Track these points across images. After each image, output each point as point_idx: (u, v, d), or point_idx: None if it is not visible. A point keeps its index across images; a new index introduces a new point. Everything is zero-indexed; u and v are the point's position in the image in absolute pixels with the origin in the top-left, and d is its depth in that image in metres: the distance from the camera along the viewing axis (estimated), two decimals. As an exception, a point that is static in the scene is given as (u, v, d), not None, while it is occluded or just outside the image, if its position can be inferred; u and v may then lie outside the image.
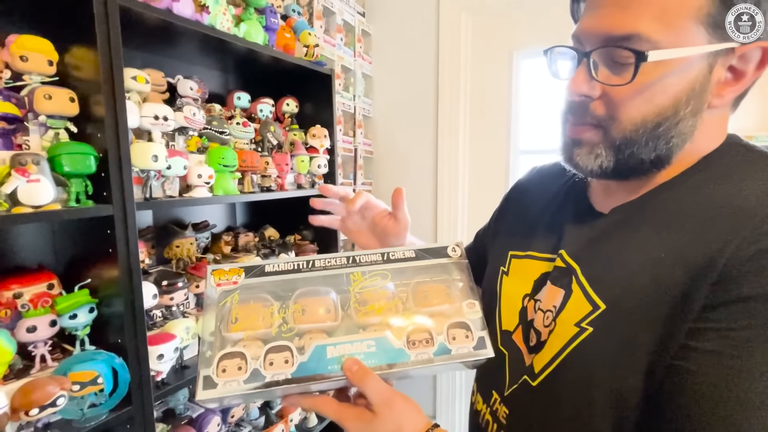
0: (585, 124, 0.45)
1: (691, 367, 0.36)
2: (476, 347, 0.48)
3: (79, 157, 0.72)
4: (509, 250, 0.59)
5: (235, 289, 0.49)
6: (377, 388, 0.44)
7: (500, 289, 0.58)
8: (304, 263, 0.51)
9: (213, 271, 0.50)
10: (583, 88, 0.43)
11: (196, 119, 0.97)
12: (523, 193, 0.67)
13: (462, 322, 0.49)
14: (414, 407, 0.45)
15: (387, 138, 1.94)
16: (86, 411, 0.75)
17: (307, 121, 1.40)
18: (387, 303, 0.50)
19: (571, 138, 0.47)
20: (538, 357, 0.48)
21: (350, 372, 0.44)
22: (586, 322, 0.43)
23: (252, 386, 0.44)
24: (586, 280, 0.45)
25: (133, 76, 0.87)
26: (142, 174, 0.84)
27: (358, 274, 0.51)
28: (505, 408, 0.52)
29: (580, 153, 0.45)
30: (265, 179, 1.18)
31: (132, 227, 0.79)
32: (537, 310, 0.51)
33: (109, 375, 0.77)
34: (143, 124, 0.86)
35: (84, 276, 0.82)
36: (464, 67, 1.74)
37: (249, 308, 0.49)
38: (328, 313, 0.49)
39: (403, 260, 0.53)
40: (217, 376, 0.44)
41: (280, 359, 0.45)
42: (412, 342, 0.47)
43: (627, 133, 0.42)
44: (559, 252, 0.50)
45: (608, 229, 0.47)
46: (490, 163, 1.76)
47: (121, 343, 0.81)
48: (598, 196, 0.52)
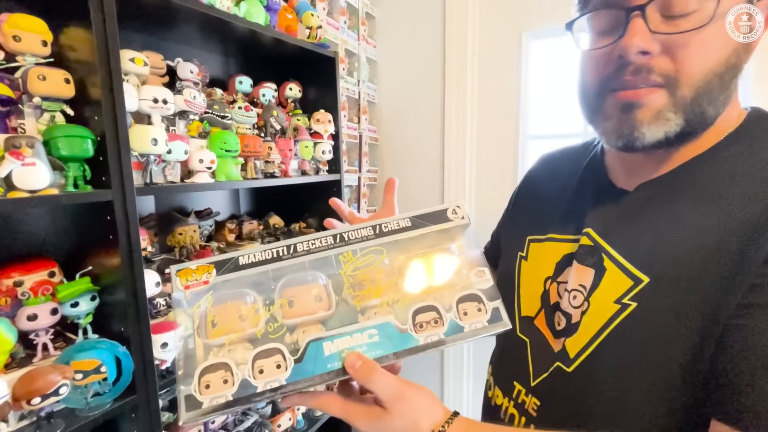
0: (648, 86, 0.40)
1: (750, 323, 0.34)
2: (491, 320, 0.42)
3: (76, 140, 0.70)
4: (527, 235, 0.57)
5: (208, 290, 0.43)
6: (386, 384, 0.40)
7: (519, 274, 0.56)
8: (284, 249, 0.45)
9: (178, 272, 0.43)
10: (644, 42, 0.39)
11: (197, 102, 0.94)
12: (536, 181, 0.65)
13: (472, 294, 0.43)
14: (429, 398, 0.42)
15: (392, 124, 1.91)
16: (90, 400, 0.74)
17: (311, 106, 1.37)
18: (386, 282, 0.44)
19: (629, 102, 0.41)
20: (572, 340, 0.46)
21: (354, 369, 0.40)
22: (629, 297, 0.42)
23: (243, 400, 0.39)
24: (621, 256, 0.44)
25: (131, 58, 0.84)
26: (141, 158, 0.82)
27: (348, 254, 0.45)
28: (536, 399, 0.49)
29: (644, 120, 0.40)
30: (269, 165, 1.15)
31: (132, 213, 0.77)
32: (564, 291, 0.49)
33: (113, 364, 0.75)
34: (142, 107, 0.84)
35: (85, 263, 0.80)
36: (472, 50, 1.69)
37: (227, 308, 0.43)
38: (320, 301, 0.43)
39: (399, 231, 0.46)
40: (200, 394, 0.39)
41: (270, 365, 0.40)
42: (419, 324, 0.42)
43: (699, 87, 0.39)
44: (585, 231, 0.48)
45: (638, 205, 0.45)
46: (498, 149, 1.72)
47: (124, 331, 0.79)
48: (618, 175, 0.50)
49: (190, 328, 0.42)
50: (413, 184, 1.88)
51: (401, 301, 0.43)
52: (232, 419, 1.14)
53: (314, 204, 1.44)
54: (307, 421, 1.35)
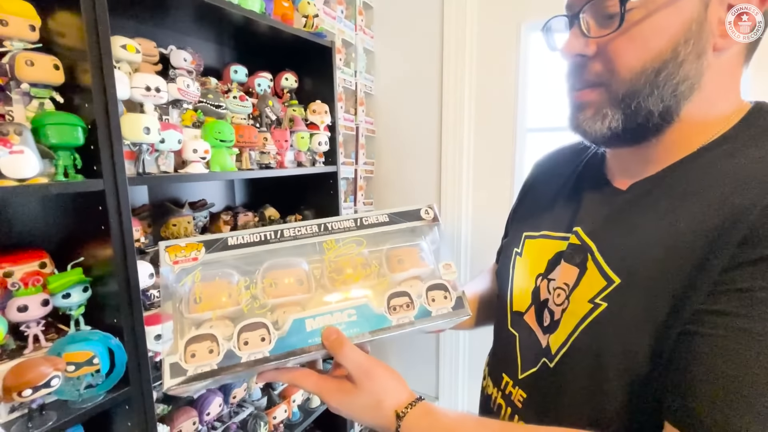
0: (586, 87, 0.44)
1: (701, 330, 0.35)
2: (455, 307, 0.49)
3: (66, 128, 0.68)
4: (524, 231, 0.58)
5: (196, 267, 0.44)
6: (355, 359, 0.43)
7: (513, 269, 0.57)
8: (271, 233, 0.47)
9: (167, 248, 0.45)
10: (576, 46, 0.43)
11: (191, 91, 0.92)
12: (541, 176, 0.65)
13: (440, 283, 0.49)
14: (396, 379, 0.44)
15: (389, 116, 1.89)
16: (83, 392, 0.73)
17: (307, 96, 1.35)
18: (364, 270, 0.48)
19: (575, 102, 0.46)
20: (554, 337, 0.47)
21: (328, 341, 0.43)
22: (600, 297, 0.42)
23: (228, 370, 0.41)
24: (601, 257, 0.44)
25: (122, 45, 0.82)
26: (134, 147, 0.81)
27: (332, 241, 0.49)
28: (522, 392, 0.50)
29: (586, 117, 0.45)
30: (264, 156, 1.14)
31: (124, 203, 0.75)
32: (550, 289, 0.50)
33: (106, 355, 0.74)
34: (134, 95, 0.82)
35: (77, 254, 0.79)
36: (470, 42, 1.68)
37: (213, 285, 0.44)
38: (301, 284, 0.46)
39: (377, 225, 0.51)
40: (185, 362, 0.40)
41: (255, 337, 0.42)
42: (393, 307, 0.47)
43: (629, 83, 0.41)
44: (574, 229, 0.49)
45: (626, 205, 0.45)
46: (496, 142, 1.71)
47: (117, 323, 0.78)
48: (615, 173, 0.50)
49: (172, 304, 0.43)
50: (410, 177, 1.87)
51: (377, 287, 0.48)
52: (227, 411, 1.14)
53: (310, 196, 1.43)
54: (303, 413, 1.35)
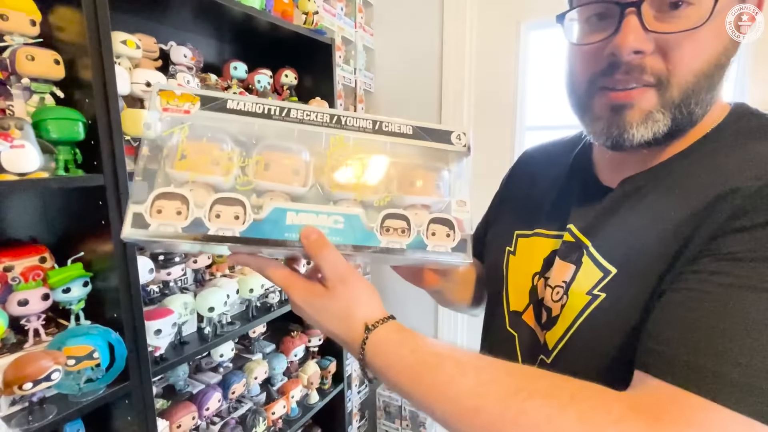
0: (639, 86, 0.39)
1: (676, 286, 0.35)
2: (455, 248, 0.43)
3: (67, 122, 0.68)
4: (515, 230, 0.57)
5: (186, 120, 0.40)
6: (335, 262, 0.39)
7: (507, 269, 0.56)
8: (277, 109, 0.42)
9: (160, 91, 0.40)
10: (638, 42, 0.38)
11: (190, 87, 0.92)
12: (524, 175, 0.64)
13: (446, 219, 0.43)
14: (372, 292, 0.41)
15: (389, 114, 1.87)
16: (83, 386, 0.74)
17: (307, 93, 1.36)
18: (369, 180, 0.43)
19: (615, 103, 0.41)
20: (551, 333, 0.47)
21: (307, 240, 0.39)
22: (598, 288, 0.42)
23: (190, 236, 0.37)
24: (594, 249, 0.44)
25: (122, 41, 0.83)
26: (134, 143, 0.81)
27: (340, 138, 0.43)
28: None
29: (631, 120, 0.40)
30: (264, 153, 1.14)
31: (125, 198, 0.76)
32: (546, 287, 0.50)
33: (106, 350, 0.75)
34: (134, 91, 0.82)
35: (77, 249, 0.79)
36: (469, 40, 1.68)
37: (201, 146, 0.40)
38: (297, 174, 0.41)
39: (398, 135, 0.44)
40: (150, 216, 0.37)
41: (228, 213, 0.38)
42: (386, 228, 0.41)
43: (688, 88, 0.39)
44: (568, 227, 0.49)
45: (617, 200, 0.46)
46: (495, 140, 1.71)
47: (117, 317, 0.79)
48: (605, 171, 0.50)
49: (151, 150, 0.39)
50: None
51: (376, 202, 0.43)
52: (226, 406, 1.15)
53: (310, 193, 1.43)
54: (302, 408, 1.35)
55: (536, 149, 0.66)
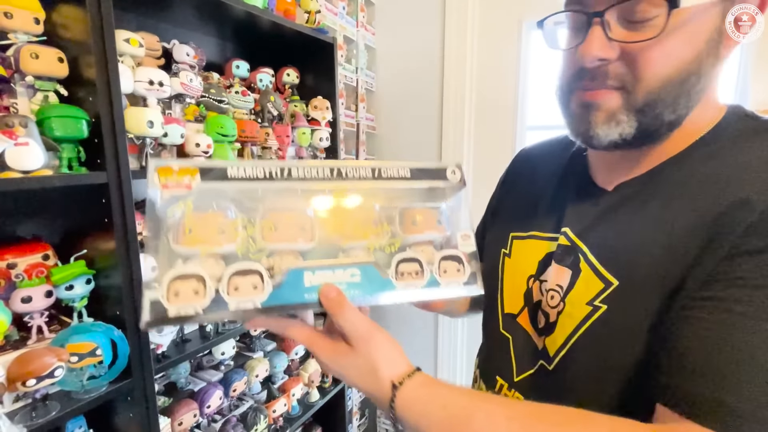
0: (602, 87, 0.41)
1: (697, 315, 0.35)
2: (467, 282, 0.44)
3: (70, 120, 0.69)
4: (510, 231, 0.57)
5: (188, 195, 0.39)
6: (355, 321, 0.39)
7: (502, 271, 0.56)
8: (277, 170, 0.42)
9: (158, 168, 0.39)
10: (600, 51, 0.40)
11: (193, 86, 0.92)
12: (519, 177, 0.64)
13: (456, 254, 0.45)
14: (394, 347, 0.41)
15: (390, 113, 1.89)
16: (86, 383, 0.74)
17: (308, 92, 1.36)
18: (374, 227, 0.43)
19: (585, 102, 0.43)
20: (550, 339, 0.47)
21: (327, 299, 0.39)
22: (599, 300, 0.42)
23: (213, 315, 0.37)
24: (595, 258, 0.44)
25: (125, 39, 0.83)
26: (137, 141, 0.81)
27: (344, 189, 0.44)
28: (518, 394, 0.51)
29: (597, 120, 0.42)
30: (266, 151, 1.14)
31: (128, 196, 0.76)
32: (543, 291, 0.49)
33: (108, 347, 0.75)
34: (137, 89, 0.83)
35: (80, 247, 0.80)
36: (471, 39, 1.68)
37: (207, 218, 0.39)
38: (304, 231, 0.41)
39: (397, 179, 0.45)
40: (168, 302, 0.36)
41: (247, 284, 0.38)
42: (401, 273, 0.42)
43: (653, 93, 0.39)
44: (563, 230, 0.49)
45: (614, 205, 0.45)
46: (496, 140, 1.72)
47: (120, 315, 0.79)
48: (599, 173, 0.50)
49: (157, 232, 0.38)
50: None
51: (386, 248, 0.43)
52: (227, 404, 1.15)
53: (311, 192, 1.43)
54: (302, 407, 1.36)
55: (532, 149, 0.66)
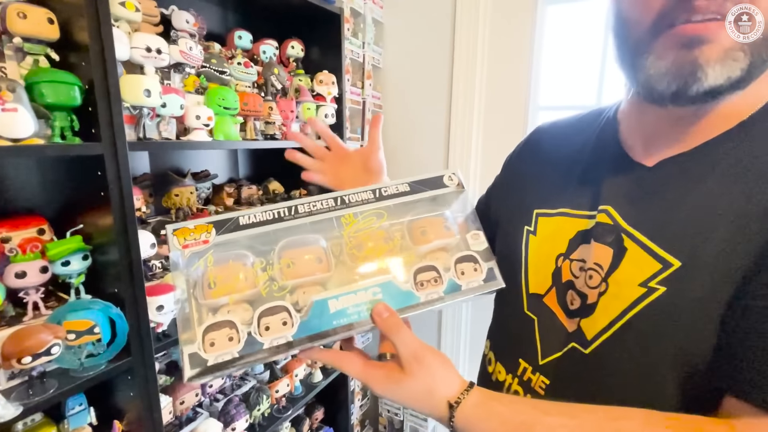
0: (721, 16, 0.33)
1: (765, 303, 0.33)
2: (486, 279, 0.46)
3: (62, 86, 0.65)
4: (534, 208, 0.53)
5: (208, 249, 0.42)
6: (409, 340, 0.40)
7: (526, 250, 0.53)
8: (285, 210, 0.45)
9: (175, 231, 0.42)
10: None
11: (193, 54, 0.88)
12: (539, 151, 0.60)
13: (469, 255, 0.46)
14: (446, 364, 0.41)
15: (398, 91, 1.83)
16: (84, 361, 0.72)
17: (313, 66, 1.31)
18: (386, 244, 0.45)
19: (692, 37, 0.35)
20: (589, 322, 0.44)
21: (381, 318, 0.40)
22: (656, 281, 0.39)
23: (249, 357, 0.39)
24: (646, 237, 0.41)
25: (121, 2, 0.78)
26: (134, 111, 0.77)
27: (350, 216, 0.46)
28: (544, 378, 0.48)
29: (710, 57, 0.34)
30: (269, 126, 1.10)
31: (124, 168, 0.73)
32: (580, 270, 0.46)
33: (107, 325, 0.73)
34: (134, 56, 0.78)
35: (76, 221, 0.77)
36: (483, 15, 1.60)
37: (228, 268, 0.42)
38: (320, 263, 0.44)
39: (398, 195, 0.47)
40: (205, 352, 0.38)
41: (276, 322, 0.41)
42: (420, 283, 0.44)
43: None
44: (602, 208, 0.45)
45: (661, 183, 0.42)
46: (506, 120, 1.66)
47: (119, 292, 0.77)
48: (636, 147, 0.46)
49: (185, 290, 0.41)
50: (417, 154, 1.83)
51: (402, 262, 0.45)
52: (230, 383, 1.14)
53: (315, 170, 1.39)
54: (305, 387, 1.35)
55: (550, 126, 0.62)
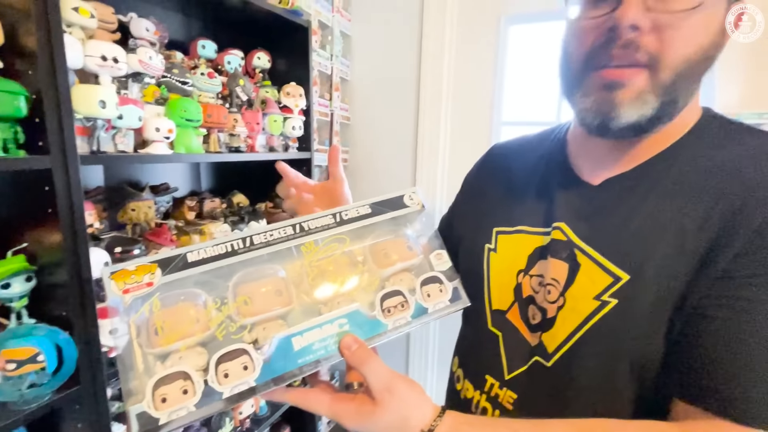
0: (630, 65, 0.40)
1: (716, 314, 0.36)
2: (452, 299, 0.45)
3: (5, 96, 0.60)
4: (494, 226, 0.55)
5: (153, 293, 0.37)
6: (379, 371, 0.38)
7: (488, 267, 0.54)
8: (239, 242, 0.41)
9: (112, 275, 0.37)
10: (637, 17, 0.38)
11: (153, 64, 0.84)
12: (495, 171, 0.62)
13: (434, 276, 0.45)
14: (417, 391, 0.40)
15: (365, 103, 1.84)
16: (26, 392, 0.66)
17: (280, 78, 1.29)
18: (349, 271, 0.43)
19: (609, 82, 0.41)
20: (549, 336, 0.46)
21: (349, 352, 0.39)
22: (608, 294, 0.42)
23: (207, 409, 0.35)
24: (597, 252, 0.44)
25: (74, 7, 0.74)
26: (87, 123, 0.73)
27: (310, 243, 0.43)
28: (511, 392, 0.49)
29: (624, 100, 0.40)
30: (234, 139, 1.07)
31: (75, 184, 0.68)
32: (539, 285, 0.48)
33: (52, 352, 0.67)
34: (88, 64, 0.74)
35: (19, 240, 0.71)
36: (449, 31, 1.65)
37: (178, 311, 0.38)
38: (280, 295, 0.40)
39: (360, 218, 0.45)
40: (156, 410, 0.34)
41: (236, 367, 0.37)
42: (387, 309, 0.42)
43: (677, 71, 0.39)
44: (556, 225, 0.48)
45: (606, 200, 0.46)
46: (472, 134, 1.70)
47: (67, 316, 0.71)
48: (584, 167, 0.50)
49: (127, 338, 0.36)
50: (385, 166, 1.84)
51: (367, 288, 0.43)
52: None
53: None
54: (270, 407, 1.30)
55: (505, 145, 0.64)
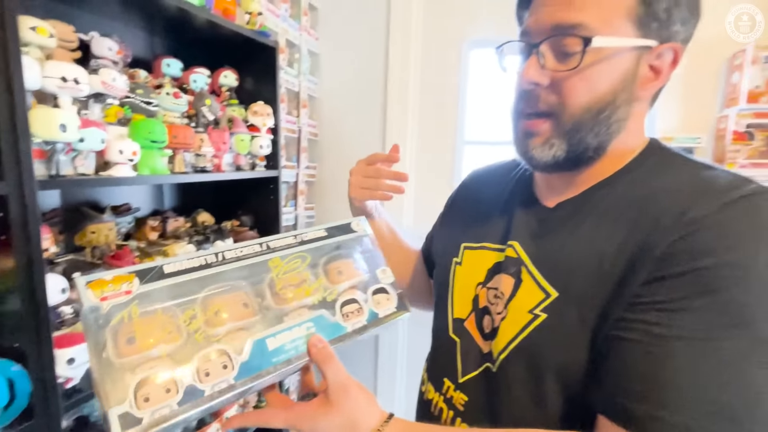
0: (538, 116, 0.48)
1: (627, 336, 0.40)
2: (398, 307, 0.53)
3: (-43, 121, 0.58)
4: (462, 242, 0.62)
5: (131, 301, 0.39)
6: (338, 371, 0.43)
7: (453, 278, 0.61)
8: (213, 257, 0.46)
9: (88, 284, 0.38)
10: (534, 75, 0.46)
11: (117, 85, 0.83)
12: (471, 192, 0.71)
13: (381, 287, 0.54)
14: (368, 397, 0.45)
15: (333, 120, 1.86)
16: (-28, 430, 0.63)
17: (248, 96, 1.29)
18: (310, 285, 0.50)
19: (525, 131, 0.50)
20: (494, 344, 0.51)
21: (315, 349, 0.43)
22: (540, 308, 0.47)
23: (190, 407, 0.37)
24: (536, 269, 0.49)
25: (32, 27, 0.72)
26: (46, 146, 0.70)
27: (277, 259, 0.49)
28: (463, 395, 0.54)
29: (535, 145, 0.49)
30: (200, 159, 1.06)
31: (32, 209, 0.66)
32: (494, 297, 0.54)
33: (4, 386, 0.64)
34: (47, 85, 0.72)
35: (-33, 268, 0.67)
36: (414, 51, 1.71)
37: (156, 319, 0.40)
38: (247, 307, 0.45)
39: (317, 240, 0.53)
40: (138, 409, 0.35)
41: (216, 366, 0.40)
42: (346, 314, 0.49)
43: (576, 118, 0.46)
44: (510, 243, 0.53)
45: (554, 222, 0.51)
46: (437, 152, 1.76)
47: (19, 346, 0.68)
48: (542, 191, 0.56)
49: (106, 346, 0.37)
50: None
51: (327, 297, 0.50)
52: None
53: (249, 201, 1.36)
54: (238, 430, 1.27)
55: (483, 170, 0.72)
